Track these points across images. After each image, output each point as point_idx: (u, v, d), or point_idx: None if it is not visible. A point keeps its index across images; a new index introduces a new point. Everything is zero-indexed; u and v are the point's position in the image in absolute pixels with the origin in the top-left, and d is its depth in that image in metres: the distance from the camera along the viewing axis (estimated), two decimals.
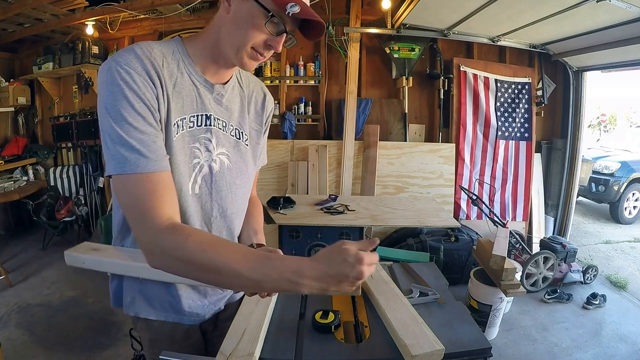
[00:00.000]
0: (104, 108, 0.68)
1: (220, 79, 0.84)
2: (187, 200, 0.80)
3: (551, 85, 3.83)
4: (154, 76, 0.71)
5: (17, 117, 4.30)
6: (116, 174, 0.67)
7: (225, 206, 0.87)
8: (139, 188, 0.67)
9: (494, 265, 2.19)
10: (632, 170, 5.31)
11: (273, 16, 0.70)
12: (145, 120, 0.69)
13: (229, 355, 0.80)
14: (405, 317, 0.93)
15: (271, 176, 3.57)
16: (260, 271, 0.64)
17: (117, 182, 0.69)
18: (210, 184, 0.83)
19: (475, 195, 3.19)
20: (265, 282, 0.64)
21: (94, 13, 3.51)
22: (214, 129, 0.82)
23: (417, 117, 3.82)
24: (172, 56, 0.77)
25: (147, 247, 0.68)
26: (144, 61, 0.70)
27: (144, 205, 0.67)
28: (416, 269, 1.30)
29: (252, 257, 0.65)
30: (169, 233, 0.66)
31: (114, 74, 0.67)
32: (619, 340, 2.49)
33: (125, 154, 0.66)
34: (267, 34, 0.72)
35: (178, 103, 0.76)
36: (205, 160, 0.81)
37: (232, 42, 0.74)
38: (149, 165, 0.68)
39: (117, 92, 0.67)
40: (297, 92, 3.79)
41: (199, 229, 0.72)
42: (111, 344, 2.32)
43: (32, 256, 3.59)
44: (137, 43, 0.73)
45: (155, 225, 0.66)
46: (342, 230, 2.46)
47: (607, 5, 2.20)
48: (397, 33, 3.40)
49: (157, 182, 0.68)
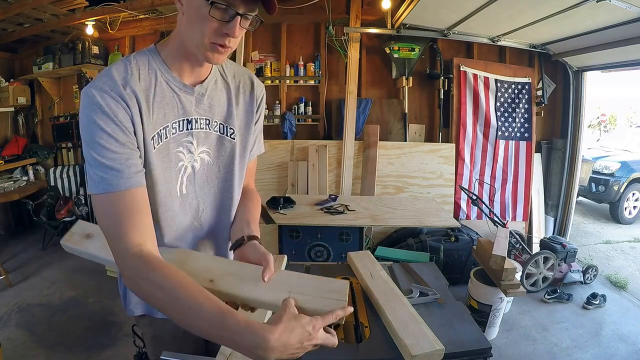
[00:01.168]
0: (81, 132, 0.72)
1: (197, 77, 0.84)
2: (176, 202, 0.84)
3: (551, 85, 3.83)
4: (128, 96, 0.73)
5: (17, 117, 4.30)
6: (92, 193, 0.72)
7: (208, 200, 0.90)
8: (112, 208, 0.71)
9: (494, 265, 2.19)
10: (632, 170, 5.31)
11: (214, 3, 0.68)
12: (117, 142, 0.71)
13: (229, 355, 0.80)
14: (405, 317, 0.93)
15: (271, 176, 3.57)
16: (216, 333, 0.63)
17: (95, 202, 0.72)
18: (194, 182, 0.87)
19: (475, 195, 3.19)
20: (215, 337, 0.63)
21: (94, 13, 3.51)
22: (195, 132, 0.84)
23: (417, 117, 3.82)
24: (149, 67, 0.79)
25: (120, 268, 0.71)
26: (117, 82, 0.72)
27: (117, 228, 0.70)
28: (416, 269, 1.30)
29: (208, 314, 0.63)
30: (136, 261, 0.68)
31: (89, 98, 0.70)
32: (619, 340, 2.49)
33: (99, 174, 0.70)
34: (217, 22, 0.70)
35: (160, 112, 0.78)
36: (188, 162, 0.85)
37: (192, 40, 0.74)
38: (121, 183, 0.70)
39: (91, 116, 0.70)
40: (297, 92, 3.79)
41: (162, 262, 0.69)
42: (111, 344, 2.32)
43: (32, 256, 3.58)
44: (114, 63, 0.77)
45: (125, 250, 0.69)
46: (342, 230, 2.47)
47: (607, 5, 2.20)
48: (397, 33, 3.40)
49: (129, 202, 0.71)
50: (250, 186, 1.06)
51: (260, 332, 0.60)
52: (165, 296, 0.65)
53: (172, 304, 0.65)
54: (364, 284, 1.14)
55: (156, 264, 0.68)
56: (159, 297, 0.66)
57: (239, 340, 0.60)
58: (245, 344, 0.60)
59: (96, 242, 0.91)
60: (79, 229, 0.95)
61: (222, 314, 0.62)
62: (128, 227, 0.69)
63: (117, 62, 0.77)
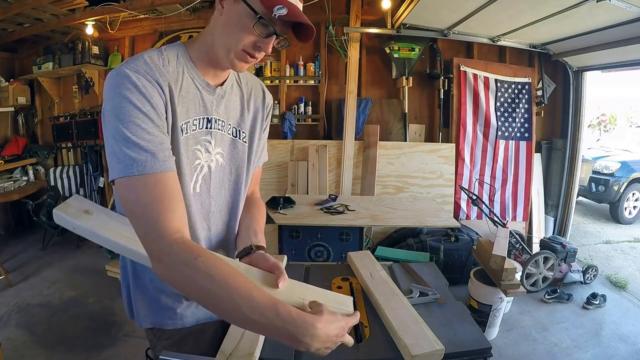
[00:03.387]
0: (110, 111, 0.68)
1: (218, 80, 0.86)
2: (190, 199, 0.82)
3: (551, 85, 3.83)
4: (163, 82, 0.73)
5: (17, 117, 4.30)
6: (122, 176, 0.67)
7: (220, 202, 0.90)
8: (147, 192, 0.67)
9: (494, 265, 2.19)
10: (632, 170, 5.31)
11: (261, 18, 0.72)
12: (152, 122, 0.70)
13: (229, 355, 0.80)
14: (405, 317, 0.93)
15: (271, 176, 3.57)
16: (266, 322, 0.63)
17: (123, 186, 0.68)
18: (209, 182, 0.87)
19: (475, 195, 3.19)
20: (262, 326, 0.64)
21: (93, 13, 3.50)
22: (214, 131, 0.85)
23: (417, 117, 3.82)
24: (177, 61, 0.79)
25: (155, 256, 0.67)
26: (152, 68, 0.72)
27: (154, 213, 0.66)
28: (416, 269, 1.30)
29: (261, 304, 0.63)
30: (180, 247, 0.65)
31: (123, 78, 0.68)
32: (619, 340, 2.49)
33: (132, 155, 0.66)
34: (256, 35, 0.74)
35: (183, 107, 0.78)
36: (205, 161, 0.85)
37: (224, 43, 0.76)
38: (157, 165, 0.68)
39: (125, 94, 0.68)
40: (297, 92, 3.79)
41: (206, 250, 0.69)
42: (111, 344, 2.32)
43: (32, 256, 3.58)
44: (145, 51, 0.76)
45: (165, 236, 0.66)
46: (342, 230, 2.47)
47: (607, 5, 2.20)
48: (397, 33, 3.40)
49: (165, 185, 0.68)
50: (256, 194, 1.07)
51: (311, 320, 0.62)
52: (214, 285, 0.63)
53: (220, 292, 0.63)
54: (364, 284, 1.14)
55: (202, 251, 0.67)
56: (204, 286, 0.63)
57: (290, 328, 0.62)
58: (295, 332, 0.62)
59: (96, 220, 0.84)
60: (77, 202, 0.88)
61: (274, 304, 0.63)
62: (167, 211, 0.67)
63: (150, 50, 0.76)
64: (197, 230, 0.86)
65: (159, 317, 0.91)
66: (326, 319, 0.64)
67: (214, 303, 0.65)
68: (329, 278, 1.21)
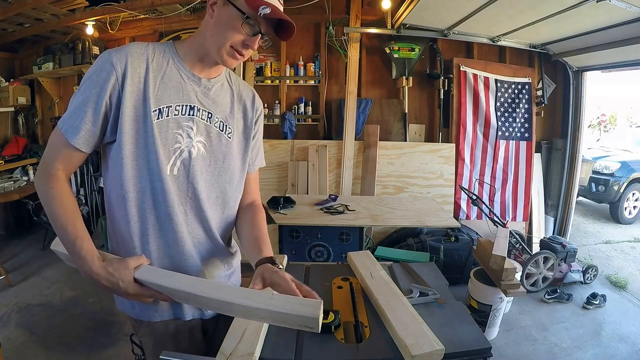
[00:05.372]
0: (85, 76, 0.83)
1: (207, 75, 0.93)
2: (165, 180, 0.87)
3: (551, 85, 3.83)
4: (141, 67, 0.83)
5: (17, 117, 4.30)
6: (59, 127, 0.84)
7: (198, 189, 0.92)
8: (58, 146, 0.83)
9: (494, 265, 2.19)
10: (632, 170, 5.31)
11: (248, 18, 0.81)
12: (96, 107, 0.81)
13: (229, 355, 0.80)
14: (405, 317, 0.93)
15: (271, 176, 3.57)
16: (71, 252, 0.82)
17: (56, 133, 0.84)
18: (188, 167, 0.90)
19: (475, 195, 3.19)
20: (72, 256, 0.81)
21: (94, 13, 3.50)
22: (196, 119, 0.90)
23: (417, 117, 3.82)
24: (164, 54, 0.88)
25: (40, 173, 0.85)
26: (132, 54, 0.83)
27: (51, 159, 0.84)
28: (416, 269, 1.30)
29: (68, 236, 0.81)
30: (51, 177, 0.83)
31: (100, 60, 0.82)
32: (619, 340, 2.49)
33: (75, 119, 0.81)
34: (244, 34, 0.83)
35: (165, 92, 0.86)
36: (185, 146, 0.89)
37: (215, 42, 0.85)
38: (76, 140, 0.82)
39: (92, 74, 0.81)
40: (297, 92, 3.80)
41: (68, 188, 0.85)
42: (111, 344, 2.32)
43: (32, 256, 3.58)
44: (135, 42, 0.88)
45: (48, 171, 0.84)
46: (342, 230, 2.47)
47: (607, 5, 2.20)
48: (397, 33, 3.40)
49: (69, 153, 0.84)
50: (257, 201, 1.09)
51: (90, 257, 0.80)
52: (52, 208, 0.81)
53: (54, 215, 0.81)
54: (364, 284, 1.14)
55: (60, 185, 0.83)
56: (46, 204, 0.82)
57: (76, 261, 0.80)
58: (80, 266, 0.80)
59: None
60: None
61: (75, 239, 0.80)
62: (59, 162, 0.84)
63: (137, 42, 0.88)
64: (175, 211, 0.89)
65: (148, 309, 0.94)
66: (109, 262, 0.80)
67: (54, 224, 0.82)
68: (329, 278, 1.21)
